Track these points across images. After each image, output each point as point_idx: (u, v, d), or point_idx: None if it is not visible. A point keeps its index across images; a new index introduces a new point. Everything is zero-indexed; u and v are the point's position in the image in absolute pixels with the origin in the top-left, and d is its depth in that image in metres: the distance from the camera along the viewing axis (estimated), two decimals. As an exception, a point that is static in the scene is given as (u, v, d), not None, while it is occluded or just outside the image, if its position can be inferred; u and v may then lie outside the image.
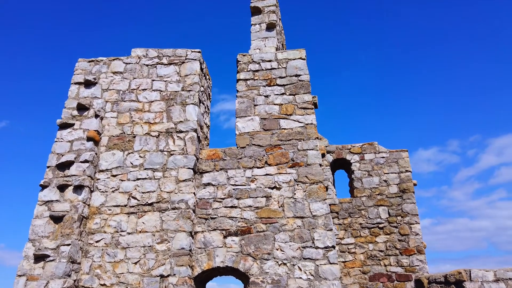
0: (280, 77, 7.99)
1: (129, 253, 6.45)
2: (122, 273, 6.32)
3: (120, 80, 7.81)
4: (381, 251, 10.11)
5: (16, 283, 5.90)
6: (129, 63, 7.98)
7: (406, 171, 10.76)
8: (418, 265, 9.80)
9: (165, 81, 7.77)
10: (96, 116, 7.35)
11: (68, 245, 6.14)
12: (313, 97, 7.80)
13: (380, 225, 10.35)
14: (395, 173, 10.78)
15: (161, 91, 7.68)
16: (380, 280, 9.84)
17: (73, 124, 7.26)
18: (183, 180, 6.90)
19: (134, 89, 7.74)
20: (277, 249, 6.61)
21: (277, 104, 7.74)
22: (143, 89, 7.72)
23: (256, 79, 8.01)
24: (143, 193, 6.86)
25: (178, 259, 6.34)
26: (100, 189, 6.94)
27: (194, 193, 6.89)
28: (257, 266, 6.54)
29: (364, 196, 10.66)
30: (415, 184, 10.75)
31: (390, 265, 9.92)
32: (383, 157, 10.99)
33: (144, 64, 7.96)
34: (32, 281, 5.89)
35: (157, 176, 6.97)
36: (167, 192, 6.83)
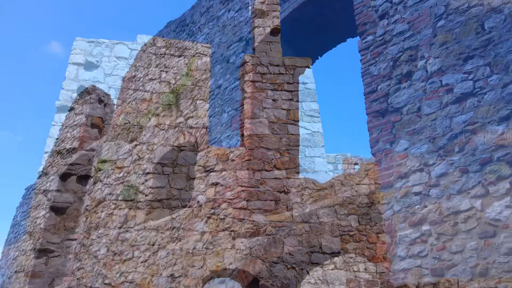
0: (288, 83, 8.06)
1: (137, 251, 6.08)
2: (129, 271, 5.94)
3: (124, 66, 7.35)
4: (351, 258, 10.61)
5: (14, 280, 5.26)
6: (135, 50, 7.55)
7: (375, 183, 11.42)
8: (384, 272, 10.43)
9: (174, 73, 7.46)
10: (100, 101, 6.84)
11: (74, 239, 5.63)
12: (317, 106, 8.02)
13: (351, 233, 10.84)
14: (366, 184, 11.40)
15: (170, 83, 7.36)
16: (349, 285, 10.31)
17: (74, 108, 6.68)
18: (194, 178, 6.68)
19: (141, 77, 7.33)
20: (286, 253, 6.67)
21: (285, 109, 7.81)
22: (151, 79, 7.34)
23: (264, 82, 8.00)
24: (151, 188, 6.51)
25: (190, 259, 6.12)
26: (103, 181, 6.45)
27: (204, 191, 6.70)
28: (267, 269, 6.53)
29: (337, 204, 11.11)
30: (382, 196, 11.49)
31: (359, 271, 10.44)
32: (355, 168, 11.59)
33: (151, 53, 7.57)
34: (34, 278, 5.29)
35: (167, 172, 6.66)
36: (177, 189, 6.56)
